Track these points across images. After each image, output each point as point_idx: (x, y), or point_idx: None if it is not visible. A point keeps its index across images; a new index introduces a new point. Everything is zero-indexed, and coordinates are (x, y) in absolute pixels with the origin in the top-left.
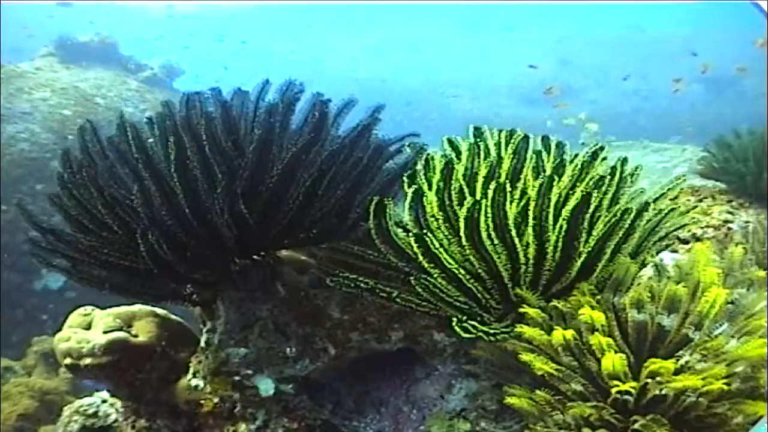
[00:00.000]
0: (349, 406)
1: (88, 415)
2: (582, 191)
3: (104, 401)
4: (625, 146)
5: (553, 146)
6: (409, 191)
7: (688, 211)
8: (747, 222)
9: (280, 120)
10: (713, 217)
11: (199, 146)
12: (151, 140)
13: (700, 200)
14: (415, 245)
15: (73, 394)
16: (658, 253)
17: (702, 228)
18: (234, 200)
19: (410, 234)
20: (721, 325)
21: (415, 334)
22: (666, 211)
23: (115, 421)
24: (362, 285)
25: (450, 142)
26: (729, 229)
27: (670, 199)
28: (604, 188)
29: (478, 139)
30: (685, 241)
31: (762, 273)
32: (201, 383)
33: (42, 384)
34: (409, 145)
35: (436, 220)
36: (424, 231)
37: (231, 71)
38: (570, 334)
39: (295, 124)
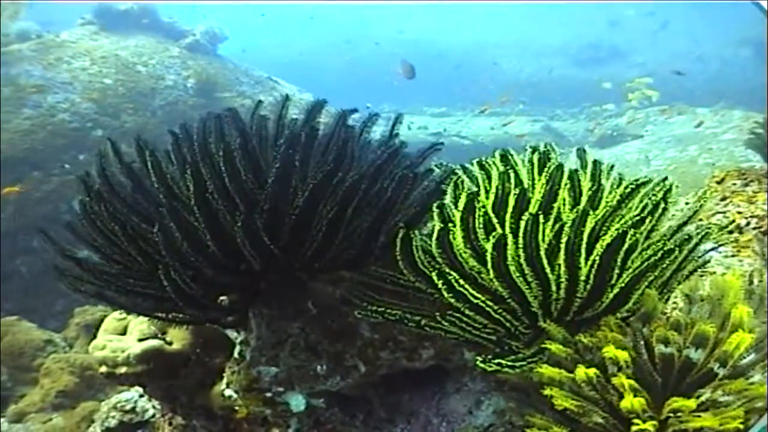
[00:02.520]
0: (381, 415)
1: (125, 411)
2: (617, 230)
3: (141, 396)
4: (672, 109)
5: (589, 164)
6: (436, 226)
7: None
8: None
9: (301, 150)
10: (758, 206)
11: (219, 179)
12: (172, 167)
13: (746, 184)
14: (439, 282)
15: None
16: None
17: (746, 218)
18: (255, 233)
19: (434, 270)
20: (747, 356)
21: (446, 352)
22: (699, 236)
23: (153, 416)
24: (390, 317)
25: (480, 165)
26: None
27: (717, 183)
28: (642, 227)
29: (508, 167)
30: (729, 231)
31: None
32: (234, 395)
33: (83, 359)
34: (437, 165)
35: (463, 254)
36: (448, 271)
37: (272, 35)
38: (592, 372)
39: (319, 145)
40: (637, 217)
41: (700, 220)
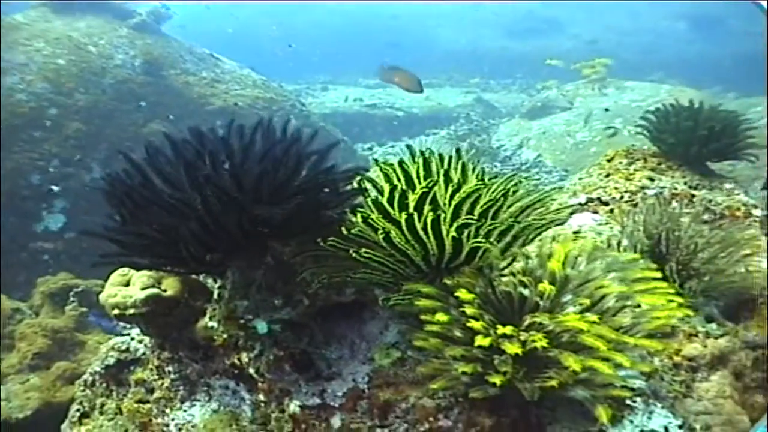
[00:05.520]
0: (319, 339)
1: (121, 351)
2: (466, 217)
3: (133, 339)
4: (602, 82)
5: (459, 168)
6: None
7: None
8: (663, 188)
9: (265, 172)
10: (633, 183)
11: (219, 195)
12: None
13: (631, 163)
14: (353, 256)
15: (81, 331)
16: (524, 245)
17: (621, 193)
18: (245, 225)
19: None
20: (566, 295)
21: (363, 290)
22: (538, 218)
23: (143, 353)
24: (324, 279)
25: (381, 168)
26: (645, 194)
27: (607, 161)
28: (487, 214)
29: (399, 173)
30: (606, 203)
31: (612, 253)
32: (215, 325)
33: (53, 324)
34: (355, 170)
35: (364, 230)
36: (357, 248)
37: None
38: (446, 318)
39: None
40: (486, 206)
41: (586, 192)
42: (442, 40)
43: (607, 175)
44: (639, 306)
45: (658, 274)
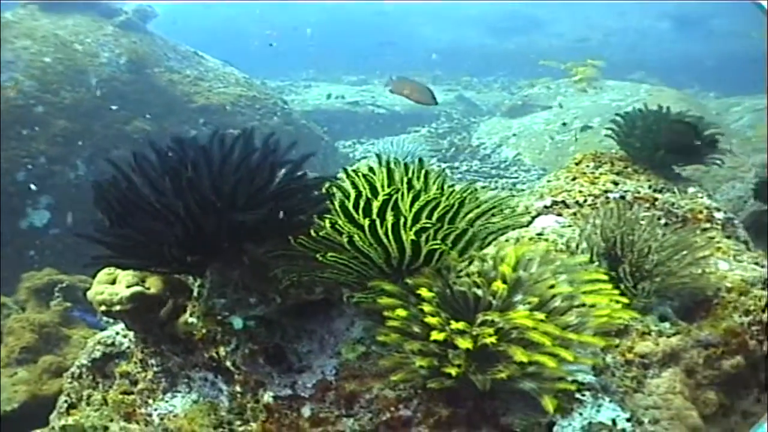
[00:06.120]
0: (291, 334)
1: (107, 345)
2: (424, 222)
3: (118, 333)
4: (583, 82)
5: (421, 177)
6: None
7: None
8: (626, 192)
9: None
10: (597, 186)
11: (201, 203)
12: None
13: (598, 167)
14: (320, 258)
15: (66, 325)
16: (481, 249)
17: (585, 196)
18: (224, 229)
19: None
20: (517, 295)
21: (331, 289)
22: (493, 222)
23: (128, 347)
24: (294, 277)
25: (348, 175)
26: (607, 198)
27: (575, 164)
28: (443, 220)
29: (363, 182)
30: (570, 206)
31: (562, 256)
32: (195, 321)
33: (40, 319)
34: (323, 177)
35: (330, 233)
36: (325, 251)
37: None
38: (405, 313)
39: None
40: (443, 211)
41: (552, 195)
42: (425, 39)
43: (574, 179)
44: (593, 306)
45: (605, 277)
